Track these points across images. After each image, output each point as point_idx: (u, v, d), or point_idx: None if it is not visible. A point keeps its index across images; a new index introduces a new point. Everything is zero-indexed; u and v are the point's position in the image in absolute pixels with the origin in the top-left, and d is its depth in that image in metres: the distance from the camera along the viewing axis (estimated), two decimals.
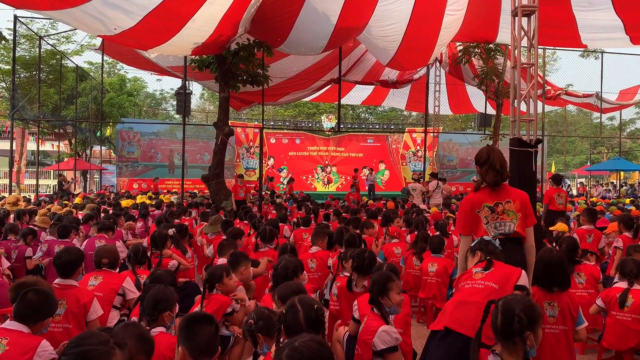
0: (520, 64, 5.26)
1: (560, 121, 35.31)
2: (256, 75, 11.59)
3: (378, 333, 2.95)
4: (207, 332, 2.28)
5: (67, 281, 3.51)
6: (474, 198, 3.46)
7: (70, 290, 3.45)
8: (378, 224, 7.79)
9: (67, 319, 3.35)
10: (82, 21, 8.65)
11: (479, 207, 3.41)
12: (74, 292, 3.45)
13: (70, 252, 3.67)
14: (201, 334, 2.26)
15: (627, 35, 10.46)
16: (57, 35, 20.96)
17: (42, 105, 18.74)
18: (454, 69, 16.35)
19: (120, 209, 9.80)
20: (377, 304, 3.13)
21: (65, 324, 3.32)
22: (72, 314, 3.37)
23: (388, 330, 2.99)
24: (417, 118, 33.43)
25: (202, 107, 40.36)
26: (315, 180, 26.06)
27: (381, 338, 2.94)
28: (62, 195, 15.91)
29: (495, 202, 3.39)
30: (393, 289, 3.12)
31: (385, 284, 3.12)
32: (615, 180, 24.96)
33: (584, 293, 4.52)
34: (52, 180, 27.90)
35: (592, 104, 17.71)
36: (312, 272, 5.22)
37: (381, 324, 3.02)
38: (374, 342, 2.94)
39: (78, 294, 3.45)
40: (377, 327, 2.98)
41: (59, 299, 3.37)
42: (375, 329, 2.97)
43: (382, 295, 3.11)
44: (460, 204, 3.57)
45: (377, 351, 2.95)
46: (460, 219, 3.55)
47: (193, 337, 2.24)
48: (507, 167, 3.56)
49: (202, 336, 2.26)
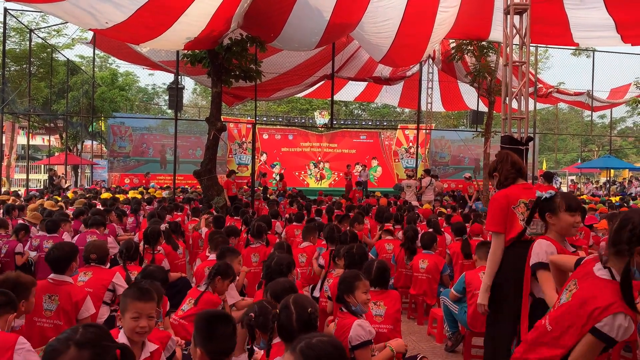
0: (512, 62, 5.28)
1: (552, 119, 35.51)
2: (249, 71, 11.53)
3: (353, 327, 2.89)
4: (226, 332, 2.24)
5: (61, 277, 3.44)
6: (510, 193, 3.26)
7: (64, 287, 3.40)
8: (369, 219, 7.81)
9: (58, 316, 3.30)
10: (73, 14, 8.57)
11: (515, 203, 3.22)
12: (67, 289, 3.39)
13: (60, 247, 3.59)
14: (220, 335, 2.22)
15: (618, 34, 10.54)
16: (48, 29, 20.77)
17: (33, 99, 18.57)
18: (447, 66, 16.38)
19: (111, 204, 9.75)
20: (344, 302, 3.09)
21: (56, 321, 3.27)
22: (64, 311, 3.32)
23: (362, 324, 2.93)
24: (410, 115, 33.46)
25: (194, 102, 40.15)
26: (308, 176, 26.04)
27: (356, 332, 2.88)
28: (53, 190, 15.80)
29: (530, 199, 3.20)
30: (359, 288, 3.07)
31: (352, 282, 3.08)
32: (606, 178, 25.19)
33: None
34: (42, 174, 27.67)
35: (584, 102, 17.84)
36: (302, 266, 5.27)
37: (354, 319, 2.97)
38: (350, 337, 2.87)
39: (71, 291, 3.40)
40: (351, 322, 2.93)
41: (51, 294, 3.35)
42: (349, 325, 2.91)
43: (348, 293, 3.07)
44: (494, 199, 3.31)
45: (353, 346, 2.88)
46: (494, 215, 3.26)
47: (212, 337, 2.20)
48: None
49: (221, 336, 2.22)
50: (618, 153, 32.53)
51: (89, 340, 1.58)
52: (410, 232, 5.63)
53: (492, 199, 3.34)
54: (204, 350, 2.17)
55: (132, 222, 9.16)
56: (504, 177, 3.34)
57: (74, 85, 22.76)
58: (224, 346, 2.21)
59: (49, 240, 5.91)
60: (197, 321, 2.27)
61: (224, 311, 2.39)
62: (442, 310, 4.54)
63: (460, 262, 5.71)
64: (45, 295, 3.33)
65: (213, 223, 6.57)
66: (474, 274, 4.29)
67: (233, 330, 2.28)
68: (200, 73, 13.25)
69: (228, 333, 2.24)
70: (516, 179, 3.32)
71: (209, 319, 2.26)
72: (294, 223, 7.48)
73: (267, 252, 5.00)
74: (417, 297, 5.40)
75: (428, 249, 5.39)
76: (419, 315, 5.42)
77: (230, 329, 2.27)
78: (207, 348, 2.17)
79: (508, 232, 3.20)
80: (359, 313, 3.06)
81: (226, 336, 2.23)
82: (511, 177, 3.32)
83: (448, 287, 4.89)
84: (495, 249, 3.22)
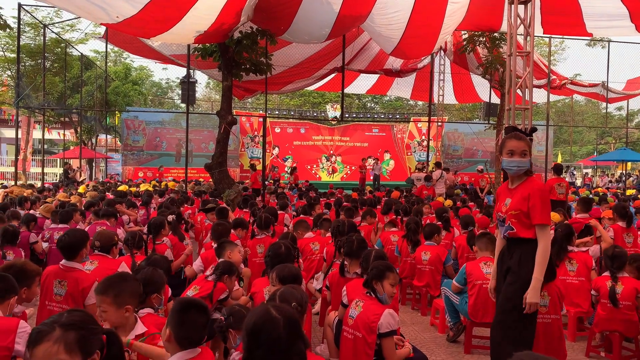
0: (515, 52, 5.23)
1: (568, 111, 34.99)
2: (259, 64, 11.57)
3: (384, 315, 3.00)
4: (198, 321, 2.28)
5: (71, 263, 3.54)
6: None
7: (72, 273, 3.50)
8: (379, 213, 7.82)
9: (67, 301, 3.42)
10: (84, 9, 8.68)
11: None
12: (75, 275, 3.49)
13: (72, 234, 3.69)
14: (192, 322, 2.26)
15: (632, 23, 10.37)
16: (62, 24, 21.00)
17: (47, 94, 18.84)
18: (459, 58, 16.24)
19: (122, 197, 9.88)
20: (372, 289, 3.17)
21: (64, 305, 3.38)
22: (72, 296, 3.44)
23: (393, 313, 3.06)
24: (423, 107, 33.21)
25: (208, 96, 40.36)
26: (320, 169, 26.06)
27: (387, 320, 2.99)
28: (68, 184, 16.05)
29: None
30: (389, 278, 3.16)
31: (384, 271, 3.16)
32: (622, 171, 24.79)
33: (574, 280, 4.55)
34: (58, 168, 28.10)
35: (599, 93, 17.55)
36: (316, 253, 5.36)
37: (384, 307, 3.07)
38: (380, 325, 2.98)
39: (79, 277, 3.49)
40: (382, 310, 3.03)
41: (61, 280, 3.47)
42: (380, 313, 3.02)
43: (378, 281, 3.15)
44: (544, 191, 3.09)
45: (381, 333, 2.99)
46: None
47: (183, 324, 2.24)
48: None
49: (192, 324, 2.26)
50: (635, 145, 31.96)
51: (74, 322, 1.63)
52: (412, 224, 5.63)
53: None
54: (172, 332, 2.23)
55: (143, 214, 9.28)
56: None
57: (88, 79, 23.03)
58: (192, 334, 2.25)
59: (60, 231, 6.02)
60: (175, 304, 2.33)
61: (202, 302, 2.45)
62: (444, 301, 4.56)
63: (466, 255, 5.70)
64: (56, 280, 3.46)
65: (217, 214, 6.64)
66: (475, 264, 4.29)
67: (206, 322, 2.32)
68: (211, 67, 13.33)
69: (200, 323, 2.28)
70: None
71: (185, 306, 2.30)
72: (301, 216, 7.52)
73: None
74: (420, 289, 5.42)
75: (429, 239, 5.39)
76: (422, 306, 5.44)
77: (204, 320, 2.31)
78: (176, 331, 2.23)
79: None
80: (384, 301, 3.14)
81: (197, 325, 2.27)
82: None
83: (451, 279, 4.90)
84: (548, 243, 3.04)
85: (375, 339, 3.00)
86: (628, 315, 3.99)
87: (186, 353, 2.22)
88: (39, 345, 1.57)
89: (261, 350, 1.79)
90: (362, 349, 3.03)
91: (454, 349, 4.41)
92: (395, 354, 3.04)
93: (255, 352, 1.80)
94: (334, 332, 3.48)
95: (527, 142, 3.11)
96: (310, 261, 5.36)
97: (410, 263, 5.66)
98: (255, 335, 1.82)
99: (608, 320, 4.07)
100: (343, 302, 3.44)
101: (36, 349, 1.57)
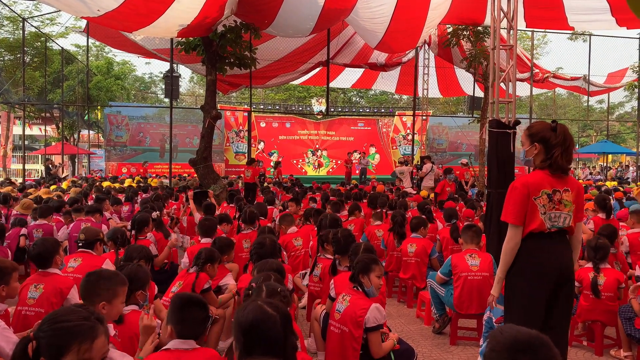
0: (499, 45, 5.28)
1: (550, 104, 35.40)
2: (243, 58, 11.48)
3: (371, 309, 3.02)
4: (198, 317, 2.32)
5: (47, 270, 3.49)
6: (531, 182, 2.86)
7: (49, 277, 3.43)
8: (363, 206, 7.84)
9: (41, 304, 3.28)
10: (64, 2, 8.52)
11: (537, 194, 2.84)
12: (53, 277, 3.43)
13: (40, 244, 3.60)
14: (192, 318, 2.30)
15: (613, 17, 10.48)
16: (41, 17, 20.61)
17: (28, 89, 18.51)
18: (443, 52, 16.30)
19: (106, 193, 9.77)
20: (358, 283, 3.18)
21: (38, 308, 3.26)
22: (47, 298, 3.31)
23: (379, 308, 3.08)
24: (408, 101, 33.33)
25: (192, 91, 40.00)
26: (306, 164, 26.06)
27: (373, 315, 3.01)
28: (50, 180, 15.81)
29: (554, 189, 2.85)
30: (375, 271, 3.18)
31: (369, 264, 3.18)
32: (603, 163, 25.20)
33: None
34: (39, 165, 27.67)
35: (580, 87, 17.79)
36: (299, 248, 5.39)
37: (371, 302, 3.09)
38: (367, 319, 3.00)
39: (57, 279, 3.44)
40: (369, 305, 3.05)
41: (37, 283, 3.37)
42: (366, 307, 3.03)
43: (364, 274, 3.17)
44: (513, 187, 2.91)
45: (367, 328, 3.01)
46: (514, 205, 2.86)
47: (184, 320, 2.28)
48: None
49: (193, 320, 2.30)
50: (616, 138, 32.49)
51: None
52: (398, 217, 5.67)
53: (511, 188, 2.93)
54: (174, 329, 2.28)
55: (128, 210, 9.18)
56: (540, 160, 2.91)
57: (69, 74, 22.64)
58: (193, 330, 2.30)
59: (39, 228, 5.94)
60: (174, 301, 2.36)
61: (201, 297, 2.48)
62: (429, 292, 4.59)
63: (450, 247, 5.75)
64: (32, 285, 3.37)
65: (203, 210, 6.61)
66: (460, 257, 4.33)
67: (206, 316, 2.37)
68: (194, 61, 13.20)
69: (200, 318, 2.33)
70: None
71: (185, 302, 2.34)
72: (287, 210, 7.52)
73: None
74: (406, 281, 5.45)
75: (416, 231, 5.43)
76: (408, 298, 5.48)
77: (203, 315, 2.35)
78: (177, 328, 2.28)
79: (529, 226, 2.86)
80: (371, 295, 3.16)
81: (197, 321, 2.32)
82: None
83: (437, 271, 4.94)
84: (512, 244, 2.88)
85: (362, 333, 3.01)
86: (610, 305, 4.07)
87: (182, 342, 2.26)
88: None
89: (260, 348, 1.80)
90: (348, 343, 3.04)
91: (440, 340, 4.45)
92: (382, 348, 3.05)
93: (253, 350, 1.80)
94: (321, 326, 3.49)
95: (525, 134, 3.05)
96: (295, 257, 5.36)
97: (397, 256, 5.70)
98: (252, 334, 1.82)
99: (590, 310, 4.15)
100: (330, 295, 3.46)
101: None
